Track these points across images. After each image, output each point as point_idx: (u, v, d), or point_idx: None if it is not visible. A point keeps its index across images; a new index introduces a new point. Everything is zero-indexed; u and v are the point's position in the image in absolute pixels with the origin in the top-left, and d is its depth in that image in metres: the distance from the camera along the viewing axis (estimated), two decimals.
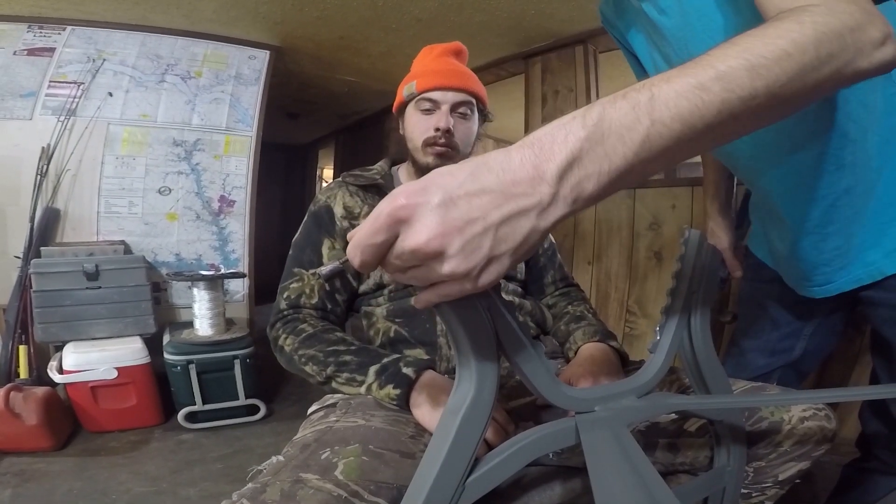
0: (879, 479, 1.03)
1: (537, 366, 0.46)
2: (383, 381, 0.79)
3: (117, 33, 2.61)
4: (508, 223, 0.35)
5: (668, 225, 2.38)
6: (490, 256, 0.35)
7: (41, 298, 2.17)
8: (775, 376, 1.06)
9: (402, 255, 0.35)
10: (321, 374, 0.85)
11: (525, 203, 0.35)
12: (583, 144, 0.36)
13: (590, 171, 0.36)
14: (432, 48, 1.08)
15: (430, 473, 0.41)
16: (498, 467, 0.45)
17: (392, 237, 0.35)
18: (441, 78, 0.99)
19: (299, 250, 0.99)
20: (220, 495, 1.68)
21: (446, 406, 0.44)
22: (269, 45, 2.94)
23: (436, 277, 0.36)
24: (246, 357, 2.30)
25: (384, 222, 0.34)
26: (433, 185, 0.34)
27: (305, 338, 0.89)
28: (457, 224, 0.34)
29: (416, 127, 1.00)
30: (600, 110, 0.37)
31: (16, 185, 2.38)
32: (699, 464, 0.77)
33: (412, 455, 0.67)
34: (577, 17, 2.47)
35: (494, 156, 0.36)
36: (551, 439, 0.49)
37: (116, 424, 2.16)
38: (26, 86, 2.43)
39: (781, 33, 0.41)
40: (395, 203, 0.34)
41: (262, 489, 0.55)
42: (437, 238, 0.33)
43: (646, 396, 0.58)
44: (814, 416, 0.72)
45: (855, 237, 0.80)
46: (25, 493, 1.65)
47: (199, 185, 2.77)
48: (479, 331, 0.41)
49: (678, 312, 0.62)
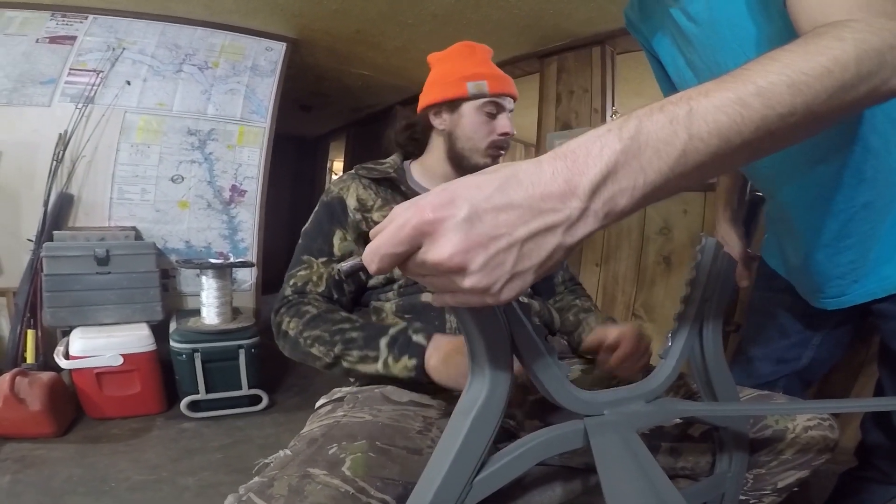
0: (876, 489, 1.03)
1: (550, 368, 0.46)
2: (397, 353, 0.78)
3: (138, 22, 2.63)
4: (534, 239, 0.34)
5: (678, 230, 2.37)
6: (513, 273, 0.35)
7: (51, 282, 2.19)
8: (781, 384, 1.06)
9: (423, 266, 0.35)
10: (329, 354, 0.83)
11: (553, 219, 0.34)
12: (618, 157, 0.35)
13: (624, 185, 0.35)
14: (472, 48, 1.06)
15: (439, 472, 0.41)
16: (505, 467, 0.46)
17: (414, 248, 0.34)
18: (508, 85, 1.02)
19: (310, 239, 0.98)
20: (219, 485, 1.71)
21: (457, 405, 0.44)
22: (286, 37, 2.94)
23: (456, 289, 0.35)
24: (251, 347, 2.31)
25: (408, 234, 0.33)
26: (460, 197, 0.33)
27: (310, 319, 0.87)
28: (481, 240, 0.33)
29: (481, 128, 1.00)
30: (637, 123, 0.36)
31: (31, 170, 2.40)
32: (700, 469, 0.77)
33: (419, 451, 0.67)
34: (595, 17, 2.45)
35: (525, 167, 0.35)
36: (559, 441, 0.49)
37: (119, 412, 2.17)
38: (47, 73, 2.45)
39: (822, 50, 0.40)
40: (422, 217, 0.33)
41: (270, 483, 0.55)
42: (461, 254, 0.33)
43: (654, 401, 0.58)
44: (818, 426, 0.72)
45: (871, 251, 0.80)
46: (25, 479, 1.67)
47: (212, 174, 2.79)
48: (494, 332, 0.41)
49: (691, 319, 0.62)
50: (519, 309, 0.43)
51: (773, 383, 1.05)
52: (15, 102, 2.39)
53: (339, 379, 0.92)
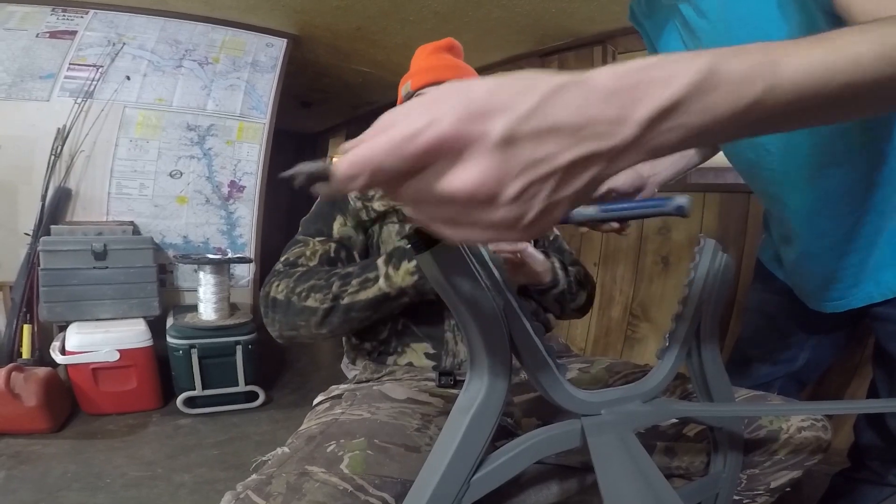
0: (869, 490, 1.04)
1: (548, 368, 0.46)
2: (396, 262, 0.77)
3: (138, 17, 2.63)
4: (576, 167, 0.29)
5: (677, 231, 2.37)
6: (548, 203, 0.29)
7: (48, 277, 2.18)
8: (777, 385, 1.06)
9: (431, 193, 0.28)
10: (326, 298, 0.78)
11: (600, 146, 0.29)
12: (689, 91, 0.30)
13: (683, 121, 0.30)
14: (425, 47, 1.05)
15: (436, 470, 0.41)
16: (503, 466, 0.46)
17: (419, 168, 0.28)
18: (434, 74, 0.96)
19: (308, 223, 0.96)
20: (214, 482, 1.71)
21: (456, 403, 0.44)
22: (286, 33, 2.94)
23: (476, 222, 0.29)
24: (248, 343, 2.31)
25: (418, 150, 0.27)
26: (494, 110, 0.27)
27: (301, 273, 0.83)
28: (518, 167, 0.28)
29: None
30: (712, 59, 0.31)
31: (29, 165, 2.39)
32: (695, 468, 0.78)
33: (417, 449, 0.67)
34: (598, 16, 2.45)
35: (575, 83, 0.29)
36: (557, 441, 0.49)
37: (115, 407, 2.16)
38: (46, 68, 2.44)
39: None
40: (441, 131, 0.26)
41: (268, 481, 0.55)
42: (492, 183, 0.27)
43: (651, 402, 0.58)
44: (811, 427, 0.72)
45: (872, 256, 0.80)
46: (19, 475, 1.66)
47: (211, 169, 2.78)
48: (493, 331, 0.42)
49: (688, 321, 0.62)
50: (518, 308, 0.43)
51: (770, 384, 1.06)
52: (14, 97, 2.38)
53: (337, 377, 0.91)
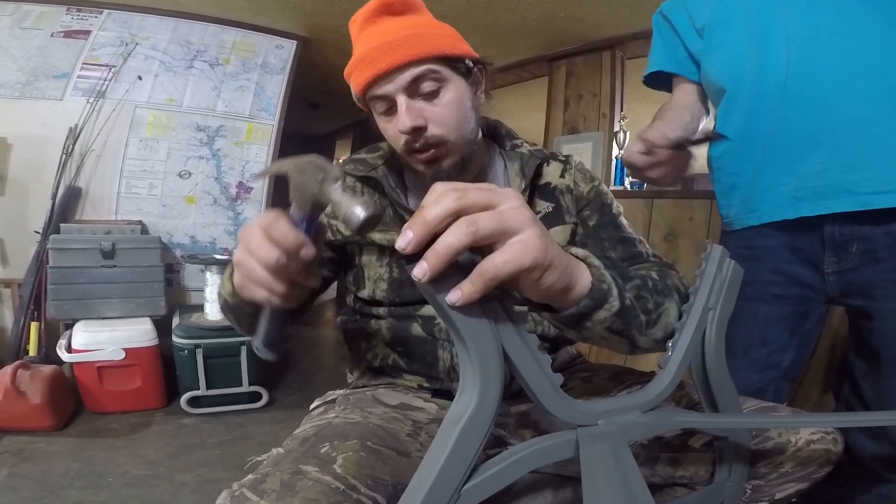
0: (857, 484, 1.03)
1: (541, 378, 0.45)
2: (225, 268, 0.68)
3: (151, 18, 2.66)
4: None
5: (683, 238, 2.34)
6: None
7: (57, 275, 2.20)
8: (770, 389, 1.06)
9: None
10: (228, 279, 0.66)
11: None
12: None
13: None
14: (354, 19, 0.75)
15: (426, 480, 0.40)
16: (495, 476, 0.45)
17: None
18: (372, 64, 0.69)
19: None
20: (216, 482, 1.70)
21: (447, 414, 0.43)
22: (296, 35, 2.96)
23: None
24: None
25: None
26: None
27: None
28: None
29: (388, 136, 0.77)
30: None
31: (41, 163, 2.42)
32: (699, 478, 0.76)
33: (408, 454, 0.67)
34: (607, 21, 2.44)
35: None
36: (551, 451, 0.48)
37: (119, 406, 2.17)
38: (60, 67, 2.48)
39: None
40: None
41: (263, 479, 0.55)
42: None
43: (651, 412, 0.56)
44: (821, 440, 0.70)
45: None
46: (22, 472, 1.67)
47: (219, 170, 2.80)
48: (484, 341, 0.41)
49: (693, 328, 0.61)
50: (510, 319, 0.42)
51: (763, 389, 1.05)
52: (28, 95, 2.42)
53: (340, 378, 0.89)
